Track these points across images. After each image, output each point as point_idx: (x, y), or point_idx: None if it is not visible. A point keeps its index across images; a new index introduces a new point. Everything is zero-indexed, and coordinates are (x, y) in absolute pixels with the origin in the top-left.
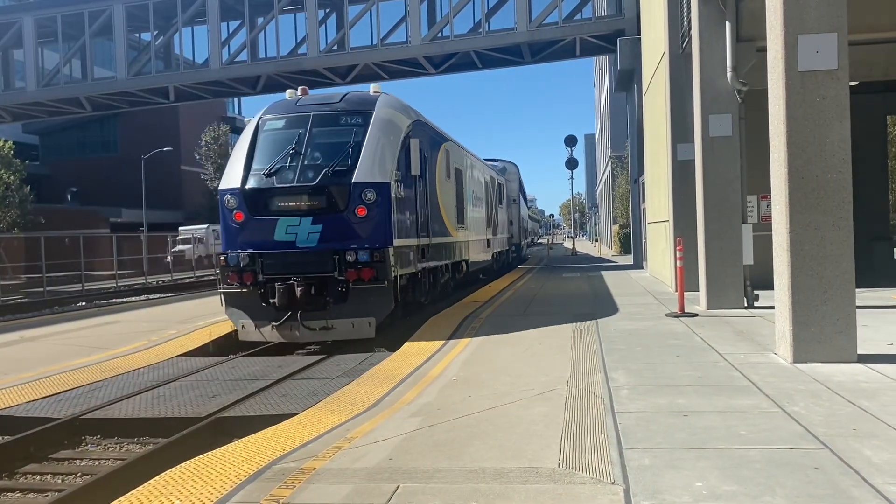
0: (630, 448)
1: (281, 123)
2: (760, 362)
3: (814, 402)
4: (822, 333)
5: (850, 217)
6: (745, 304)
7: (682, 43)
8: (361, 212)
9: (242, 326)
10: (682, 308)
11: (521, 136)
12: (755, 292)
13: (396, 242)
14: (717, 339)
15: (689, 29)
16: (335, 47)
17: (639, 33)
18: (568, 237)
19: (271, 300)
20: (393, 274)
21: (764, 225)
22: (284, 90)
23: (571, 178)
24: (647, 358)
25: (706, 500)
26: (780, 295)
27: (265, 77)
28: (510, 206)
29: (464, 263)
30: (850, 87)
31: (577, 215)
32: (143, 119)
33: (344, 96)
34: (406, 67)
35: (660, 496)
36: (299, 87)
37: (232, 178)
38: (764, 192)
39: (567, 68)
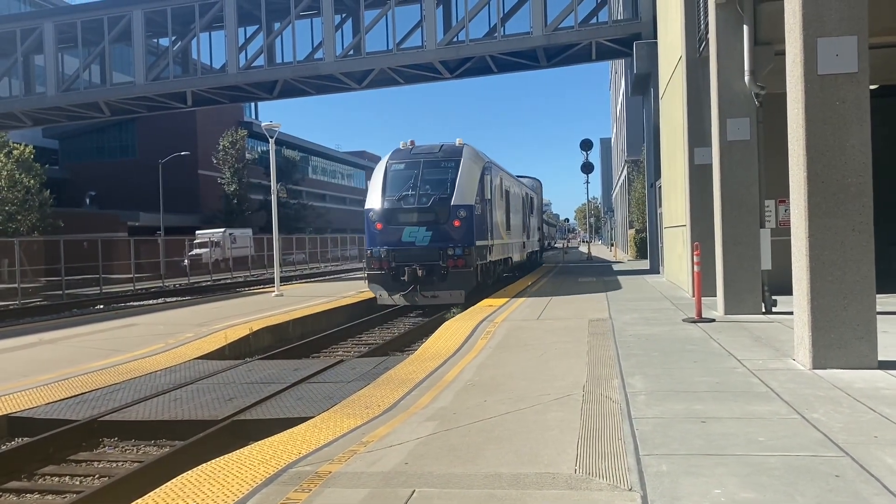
0: (647, 454)
1: (402, 166)
2: (779, 368)
3: (834, 409)
4: (842, 339)
5: (871, 222)
6: (764, 310)
7: (700, 47)
8: (456, 223)
9: (380, 295)
10: (699, 313)
11: (536, 140)
12: (774, 298)
13: (477, 243)
14: (734, 344)
15: (707, 32)
16: (351, 52)
17: (655, 37)
18: (583, 241)
19: (401, 278)
20: (475, 263)
21: (782, 230)
22: (301, 95)
23: (587, 182)
24: (664, 363)
25: None
26: (798, 300)
27: (282, 82)
28: (538, 216)
29: (510, 259)
30: (872, 90)
31: (592, 220)
32: (161, 123)
33: (441, 147)
34: (421, 72)
35: (678, 503)
36: (409, 140)
37: (374, 201)
38: (782, 197)
39: (583, 72)
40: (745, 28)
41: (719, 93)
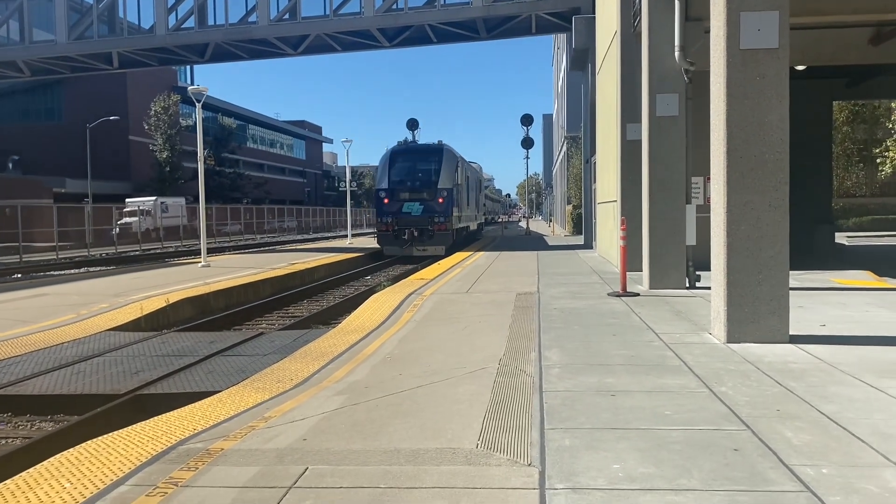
0: (552, 428)
1: (401, 159)
2: (694, 342)
3: (741, 383)
4: (756, 314)
5: (787, 198)
6: (687, 285)
7: (634, 22)
8: (440, 200)
9: (386, 248)
10: (624, 287)
11: (480, 115)
12: (697, 273)
13: (454, 214)
14: (655, 318)
15: (640, 7)
16: (286, 16)
17: (594, 12)
18: (523, 217)
19: (402, 237)
20: (453, 227)
21: (709, 206)
22: (234, 59)
23: (527, 157)
24: (583, 337)
25: (621, 482)
26: (716, 275)
27: (213, 45)
28: (480, 193)
29: (468, 227)
30: (799, 71)
31: (533, 195)
32: (90, 87)
33: (428, 145)
34: (359, 39)
35: (575, 478)
36: (404, 139)
37: (382, 182)
38: (710, 175)
39: (528, 47)
40: (677, 3)
41: (650, 68)
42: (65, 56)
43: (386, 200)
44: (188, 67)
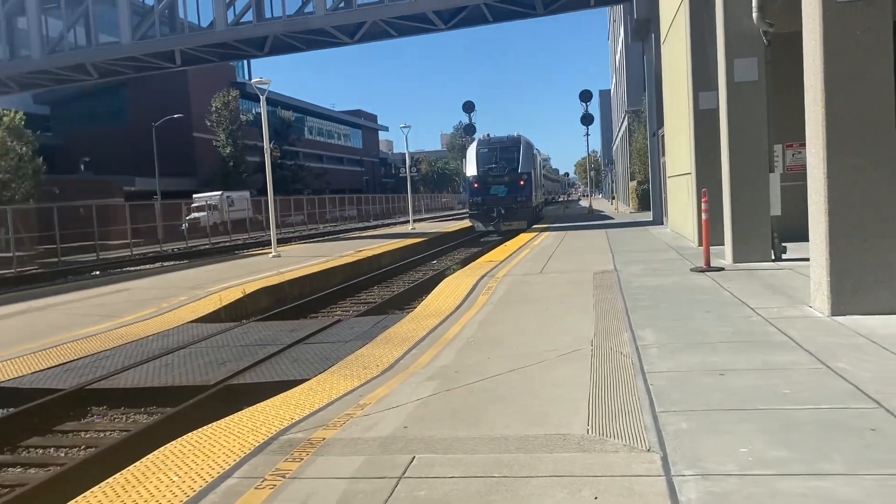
0: (664, 411)
1: (486, 149)
2: (795, 316)
3: (859, 358)
4: (862, 284)
5: (893, 159)
6: (773, 257)
7: None
8: (521, 183)
9: (477, 225)
10: (707, 262)
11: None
12: (783, 244)
13: (532, 194)
14: (746, 292)
15: None
16: (342, 4)
17: None
18: (584, 195)
19: (491, 215)
20: (531, 205)
21: (790, 175)
22: (292, 51)
23: (587, 134)
24: (674, 314)
25: (754, 467)
26: (815, 244)
27: (272, 38)
28: (542, 173)
29: (541, 204)
30: None
31: (592, 173)
32: (153, 87)
33: (507, 137)
34: (415, 23)
35: (701, 464)
36: (486, 133)
37: (471, 170)
38: (789, 141)
39: (580, 22)
40: None
41: (726, 32)
42: (130, 56)
43: (476, 185)
44: (245, 63)
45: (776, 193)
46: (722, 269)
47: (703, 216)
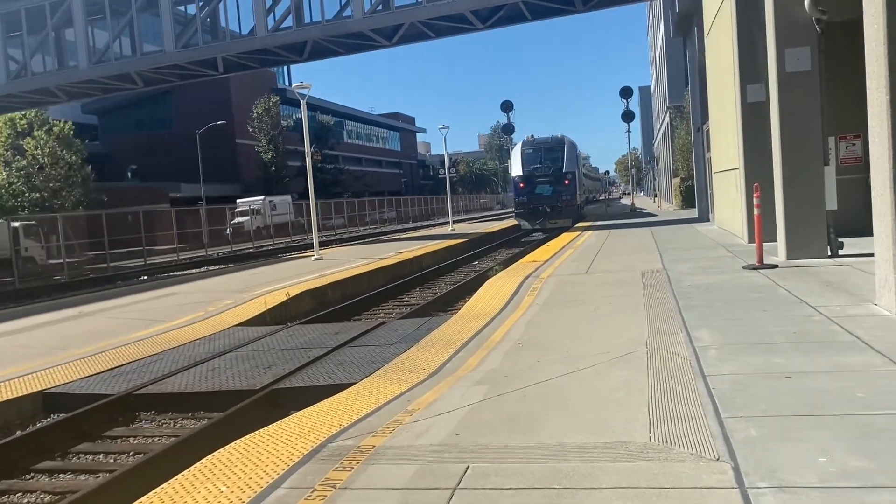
0: (730, 417)
1: (531, 150)
2: (861, 315)
3: None
4: None
5: None
6: (829, 253)
7: None
8: (566, 182)
9: (523, 224)
10: (760, 259)
11: (569, 91)
12: (840, 240)
13: (578, 192)
14: (804, 290)
15: None
16: (380, 7)
17: None
18: (625, 193)
19: (537, 213)
20: (576, 203)
21: (843, 168)
22: (332, 55)
23: (628, 131)
24: (730, 314)
25: (836, 479)
26: (881, 238)
27: (311, 42)
28: (583, 171)
29: (584, 202)
30: None
31: (633, 171)
32: (196, 94)
33: (551, 137)
34: (452, 24)
35: (778, 475)
36: (530, 135)
37: (516, 169)
38: (841, 133)
39: (617, 18)
40: None
41: (776, 21)
42: (173, 65)
43: (521, 185)
44: (286, 70)
45: (832, 187)
46: (776, 266)
47: (756, 211)
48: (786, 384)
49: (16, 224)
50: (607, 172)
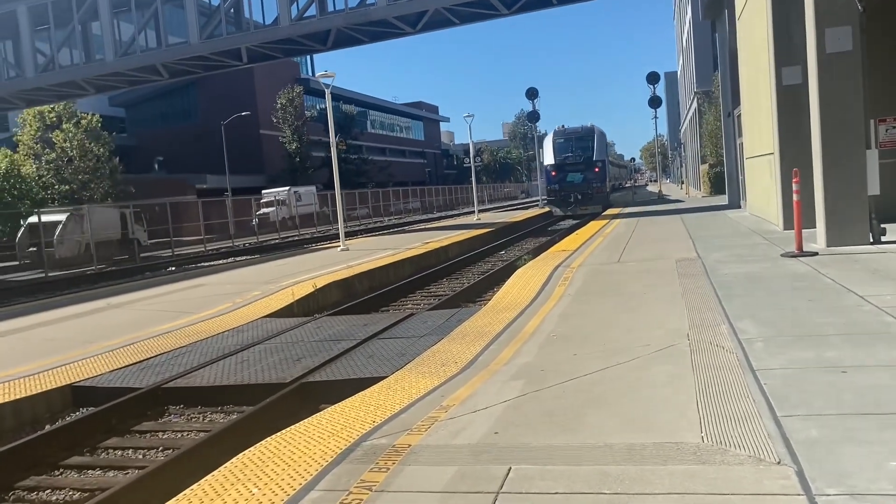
0: (787, 416)
1: (562, 139)
2: None
3: None
4: None
5: None
6: (871, 240)
7: None
8: (597, 170)
9: (554, 210)
10: (799, 247)
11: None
12: (883, 226)
13: (607, 179)
14: (850, 279)
15: None
16: None
17: None
18: (652, 180)
19: (568, 200)
20: (606, 190)
21: (883, 152)
22: (355, 44)
23: (655, 117)
24: (774, 304)
25: None
26: None
27: (335, 31)
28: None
29: (612, 188)
30: None
31: (660, 157)
32: (221, 86)
33: (581, 127)
34: (477, 10)
35: (848, 481)
36: (561, 125)
37: (549, 160)
38: (881, 115)
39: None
40: None
41: (815, 0)
42: (198, 56)
43: (553, 173)
44: (309, 60)
45: (874, 171)
46: (816, 253)
47: (795, 197)
48: (842, 380)
49: (125, 210)
50: (633, 159)
